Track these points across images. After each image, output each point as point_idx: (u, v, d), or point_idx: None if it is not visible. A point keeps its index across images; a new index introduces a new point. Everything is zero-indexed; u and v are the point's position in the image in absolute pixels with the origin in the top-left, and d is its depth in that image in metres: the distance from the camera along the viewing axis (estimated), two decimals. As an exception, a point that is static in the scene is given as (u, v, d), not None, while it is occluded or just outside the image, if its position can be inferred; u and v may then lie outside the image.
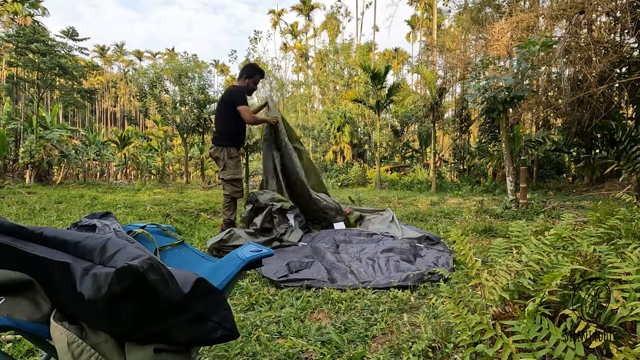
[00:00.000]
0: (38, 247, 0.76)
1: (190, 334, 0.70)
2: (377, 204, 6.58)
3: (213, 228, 4.20)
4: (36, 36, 12.54)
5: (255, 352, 1.47)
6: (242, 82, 3.63)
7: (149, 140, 24.66)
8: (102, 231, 1.24)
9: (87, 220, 1.33)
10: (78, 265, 0.69)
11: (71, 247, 0.76)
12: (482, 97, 5.09)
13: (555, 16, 7.49)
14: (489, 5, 11.06)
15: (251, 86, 3.66)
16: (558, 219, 4.17)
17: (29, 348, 1.50)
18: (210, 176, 23.36)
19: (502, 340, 1.06)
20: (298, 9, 36.51)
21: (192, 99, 15.06)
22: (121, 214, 4.98)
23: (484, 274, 1.49)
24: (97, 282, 0.64)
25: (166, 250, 1.41)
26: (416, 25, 34.84)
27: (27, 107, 18.71)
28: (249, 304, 1.98)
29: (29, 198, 6.66)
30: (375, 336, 1.61)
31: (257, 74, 3.68)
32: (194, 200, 6.79)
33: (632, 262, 1.36)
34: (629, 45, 7.64)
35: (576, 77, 7.74)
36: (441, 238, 3.30)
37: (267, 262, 2.52)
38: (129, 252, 0.69)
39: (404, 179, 13.84)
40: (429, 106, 10.95)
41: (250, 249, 1.11)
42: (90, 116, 41.19)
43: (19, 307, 0.75)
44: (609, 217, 2.19)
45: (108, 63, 51.99)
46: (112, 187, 11.55)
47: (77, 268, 0.69)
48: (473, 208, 5.62)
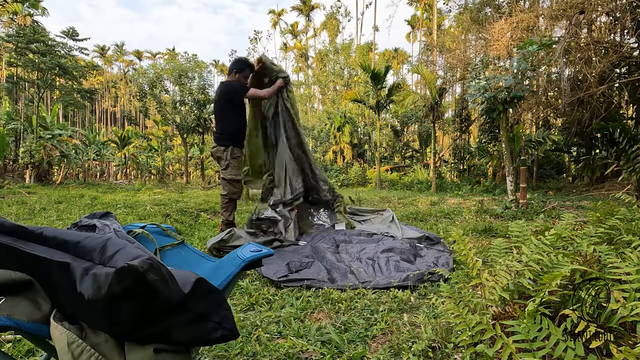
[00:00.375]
0: (38, 247, 0.76)
1: (190, 334, 0.70)
2: (377, 204, 6.58)
3: (213, 228, 4.20)
4: (36, 36, 12.55)
5: (255, 352, 1.47)
6: (233, 77, 3.56)
7: (149, 140, 24.65)
8: (102, 231, 1.25)
9: (87, 220, 1.33)
10: (78, 265, 0.69)
11: (71, 247, 0.76)
12: (482, 97, 5.09)
13: (555, 16, 7.49)
14: (489, 6, 11.06)
15: (242, 81, 3.58)
16: (558, 219, 4.17)
17: (29, 348, 1.50)
18: (210, 176, 23.36)
19: (502, 340, 1.06)
20: (298, 9, 36.52)
21: (192, 99, 15.07)
22: (121, 214, 4.97)
23: (484, 274, 1.49)
24: (97, 282, 0.64)
25: (166, 250, 1.41)
26: (416, 25, 34.85)
27: (27, 107, 18.70)
28: (249, 304, 1.98)
29: (28, 198, 6.66)
30: (375, 336, 1.61)
31: (247, 69, 3.61)
32: (193, 200, 6.79)
33: (632, 262, 1.36)
34: (628, 45, 7.65)
35: (576, 77, 7.74)
36: (441, 238, 3.30)
37: (267, 262, 2.52)
38: (129, 252, 0.69)
39: (404, 179, 13.83)
40: (429, 106, 10.95)
41: (250, 249, 1.11)
42: (90, 116, 41.19)
43: (19, 307, 0.75)
44: (608, 217, 2.19)
45: (108, 63, 51.99)
46: (112, 187, 11.55)
47: (77, 268, 0.69)
48: (473, 208, 5.62)
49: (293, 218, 3.56)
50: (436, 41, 17.95)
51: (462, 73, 10.77)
